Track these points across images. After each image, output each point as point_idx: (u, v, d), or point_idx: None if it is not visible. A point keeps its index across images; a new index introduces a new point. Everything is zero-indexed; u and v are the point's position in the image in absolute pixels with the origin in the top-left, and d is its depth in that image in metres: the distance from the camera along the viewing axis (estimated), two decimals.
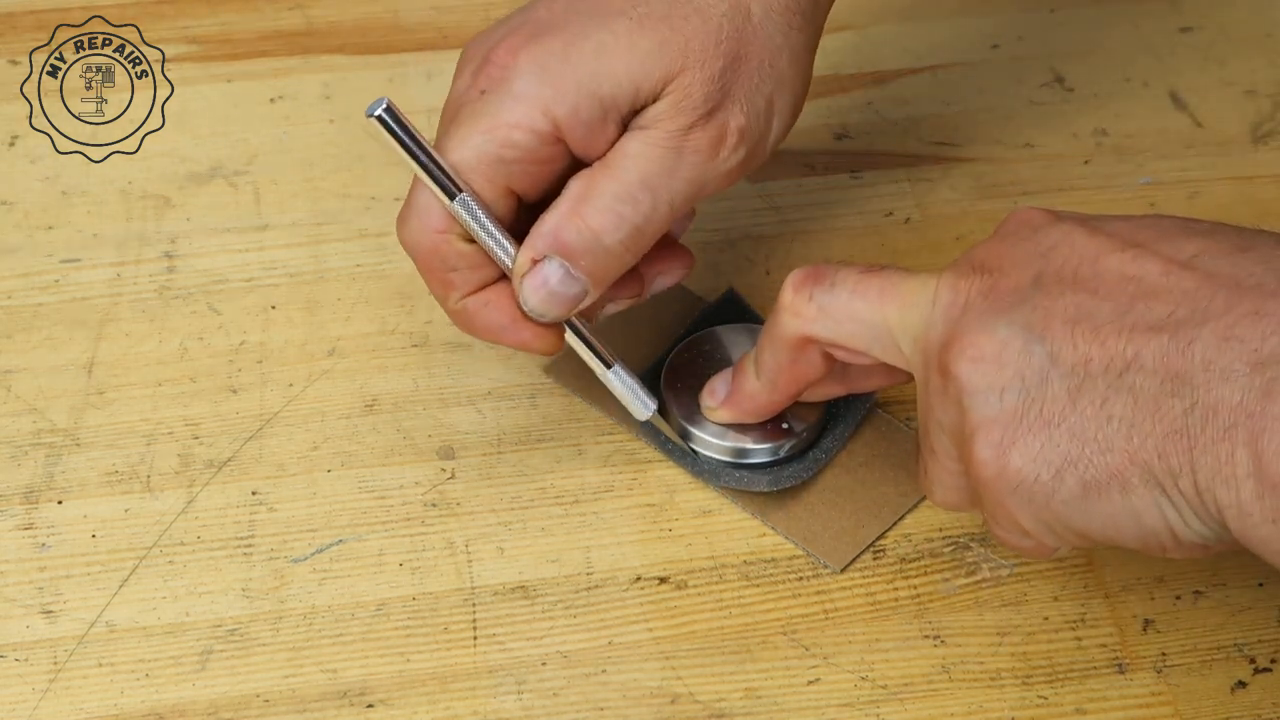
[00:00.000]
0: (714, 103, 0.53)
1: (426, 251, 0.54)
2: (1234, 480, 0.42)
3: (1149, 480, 0.44)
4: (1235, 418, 0.42)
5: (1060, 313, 0.45)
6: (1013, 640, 0.55)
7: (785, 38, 0.55)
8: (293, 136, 0.71)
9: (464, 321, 0.56)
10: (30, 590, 0.56)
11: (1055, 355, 0.45)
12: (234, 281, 0.66)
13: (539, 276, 0.53)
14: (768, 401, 0.56)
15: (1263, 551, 0.42)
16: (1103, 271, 0.46)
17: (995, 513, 0.47)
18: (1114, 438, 0.44)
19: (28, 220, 0.68)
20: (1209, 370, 0.42)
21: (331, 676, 0.54)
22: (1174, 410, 0.43)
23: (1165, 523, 0.44)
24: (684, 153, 0.53)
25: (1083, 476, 0.45)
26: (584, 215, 0.52)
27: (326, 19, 0.77)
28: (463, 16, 0.77)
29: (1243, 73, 0.74)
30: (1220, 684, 0.54)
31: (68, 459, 0.60)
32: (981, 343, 0.46)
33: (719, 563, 0.57)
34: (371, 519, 0.58)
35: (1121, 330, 0.44)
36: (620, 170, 0.53)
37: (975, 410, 0.46)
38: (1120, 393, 0.44)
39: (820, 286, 0.51)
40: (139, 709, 0.53)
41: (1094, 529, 0.45)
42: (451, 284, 0.55)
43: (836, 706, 0.53)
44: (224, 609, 0.56)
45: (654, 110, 0.53)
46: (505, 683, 0.54)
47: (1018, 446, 0.45)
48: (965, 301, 0.48)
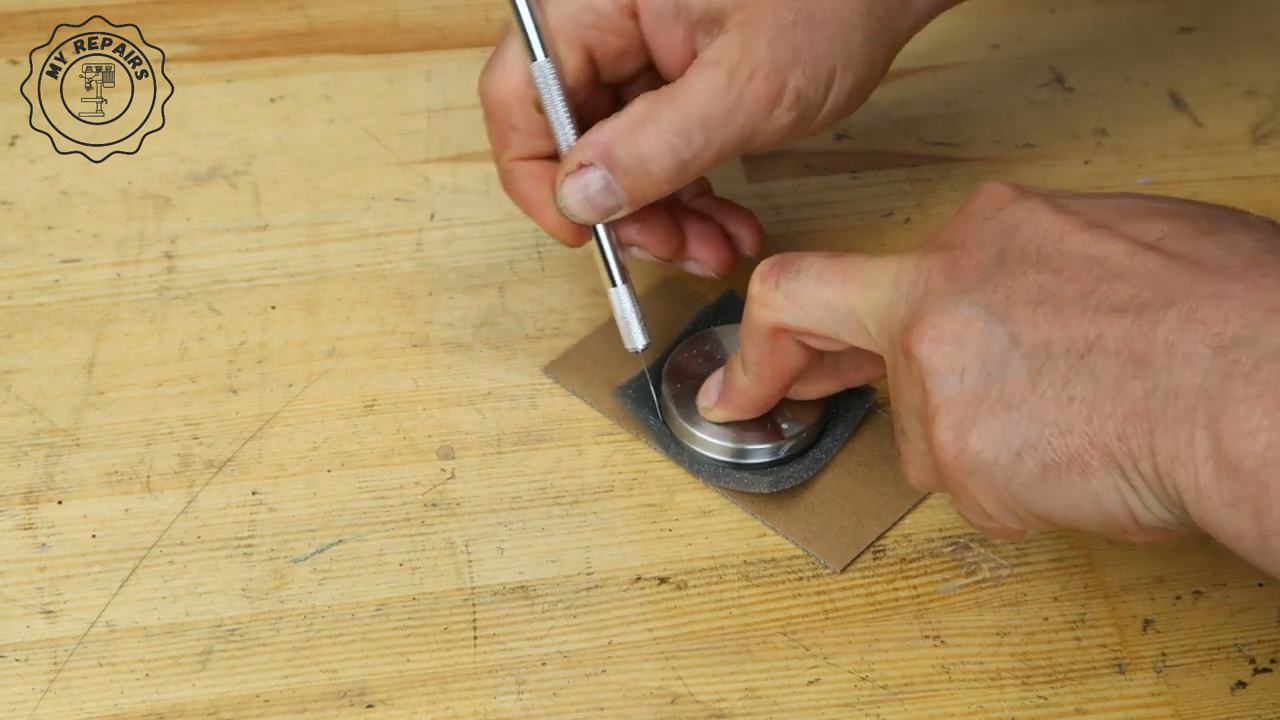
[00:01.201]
0: (779, 55, 0.54)
1: (498, 104, 0.57)
2: (1193, 463, 0.42)
3: (1109, 463, 0.43)
4: (1196, 400, 0.41)
5: (1022, 293, 0.45)
6: (1013, 640, 0.55)
7: (864, 19, 0.55)
8: (293, 136, 0.72)
9: (507, 181, 0.58)
10: (30, 590, 0.56)
11: (1016, 336, 0.45)
12: (234, 281, 0.66)
13: (581, 180, 0.55)
14: (758, 396, 0.56)
15: (1220, 535, 0.42)
16: (1067, 252, 0.45)
17: (957, 494, 0.47)
18: (1074, 420, 0.44)
19: (28, 220, 0.68)
20: (1171, 353, 0.42)
21: (331, 676, 0.54)
22: (1135, 393, 0.43)
23: (1125, 506, 0.44)
24: (743, 100, 0.54)
25: (1042, 459, 0.44)
26: (638, 136, 0.54)
27: (326, 19, 0.77)
28: (463, 16, 0.77)
29: (1243, 73, 0.74)
30: (1220, 684, 0.54)
31: (68, 459, 0.60)
32: (942, 323, 0.46)
33: (719, 563, 0.57)
34: (371, 519, 0.58)
35: (1085, 312, 0.44)
36: (682, 102, 0.54)
37: (936, 391, 0.46)
38: (1081, 375, 0.44)
39: (786, 274, 0.52)
40: (139, 709, 0.53)
41: (1054, 512, 0.45)
42: (508, 141, 0.57)
43: (836, 706, 0.53)
44: (224, 609, 0.56)
45: (722, 42, 0.54)
46: (505, 683, 0.54)
47: (977, 428, 0.45)
48: (927, 281, 0.47)
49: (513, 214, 0.68)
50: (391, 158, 0.71)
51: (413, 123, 0.72)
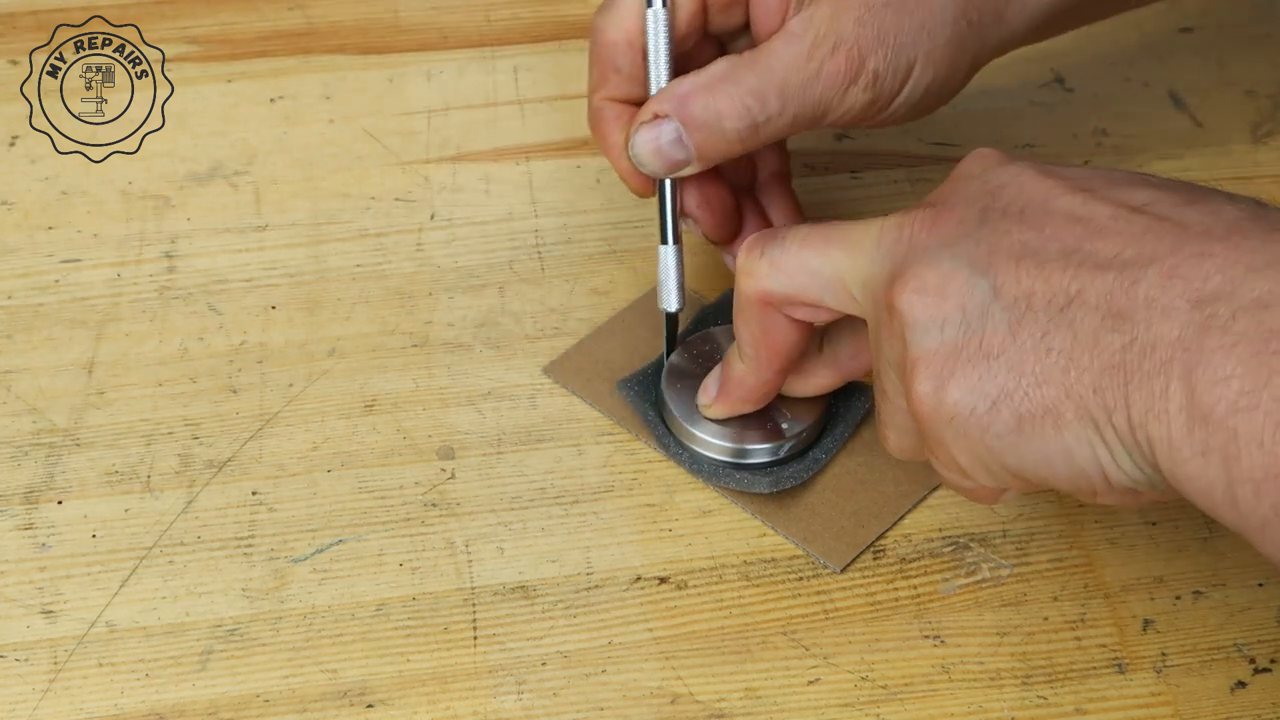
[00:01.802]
0: (863, 33, 0.55)
1: (607, 43, 0.57)
2: (1166, 415, 0.42)
3: (1083, 416, 0.43)
4: (1172, 352, 0.42)
5: (1006, 248, 0.45)
6: (1013, 640, 0.55)
7: (954, 20, 0.56)
8: (293, 136, 0.72)
9: (594, 120, 0.59)
10: (30, 590, 0.56)
11: (998, 289, 0.45)
12: (234, 281, 0.66)
13: (654, 130, 0.56)
14: (757, 382, 0.56)
15: (1190, 490, 0.42)
16: (1052, 211, 0.46)
17: (934, 448, 0.47)
18: (1051, 371, 0.44)
19: (28, 220, 0.68)
20: (1150, 307, 0.42)
21: (331, 676, 0.54)
22: (1113, 345, 0.43)
23: (1097, 462, 0.44)
24: (821, 73, 0.55)
25: (1018, 409, 0.44)
26: (715, 94, 0.55)
27: (326, 19, 0.77)
28: (463, 16, 0.77)
29: (1243, 73, 0.74)
30: (1220, 684, 0.54)
31: (68, 459, 0.60)
32: (925, 275, 0.46)
33: (719, 563, 0.57)
34: (371, 519, 0.58)
35: (1067, 267, 0.44)
36: (763, 67, 0.55)
37: (916, 344, 0.46)
38: (1061, 327, 0.44)
39: (771, 243, 0.52)
40: (139, 709, 0.53)
41: (1027, 466, 0.45)
42: (606, 81, 0.58)
43: (836, 706, 0.53)
44: (224, 609, 0.56)
45: (810, 13, 0.55)
46: (505, 683, 0.54)
47: (955, 378, 0.45)
48: (910, 236, 0.48)
49: (513, 214, 0.69)
50: (391, 158, 0.71)
51: (413, 123, 0.72)
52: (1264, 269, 0.41)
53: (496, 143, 0.72)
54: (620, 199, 0.69)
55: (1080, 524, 0.58)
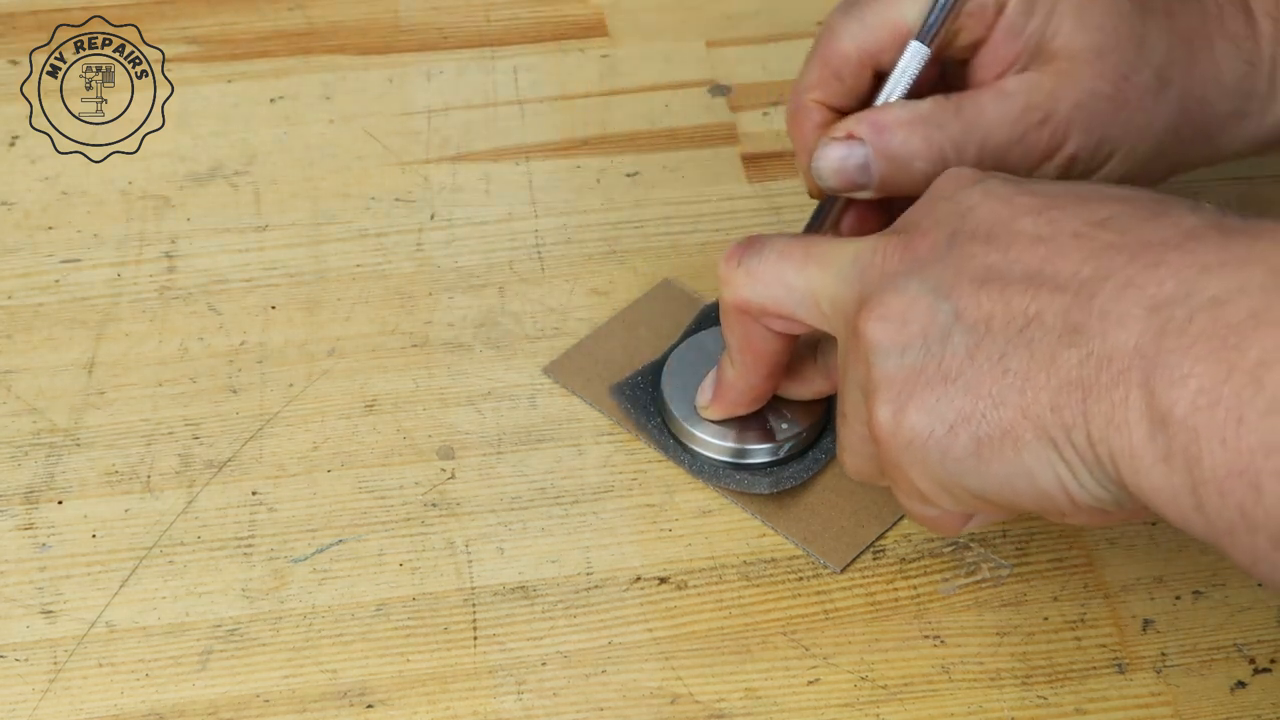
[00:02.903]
0: (1076, 117, 0.54)
1: (839, 51, 0.56)
2: (1126, 425, 0.41)
3: (1041, 437, 0.43)
4: (1129, 361, 0.41)
5: (970, 272, 0.45)
6: (1012, 640, 0.55)
7: (1165, 131, 0.56)
8: (293, 136, 0.72)
9: (795, 115, 0.58)
10: (30, 590, 0.56)
11: (960, 312, 0.45)
12: (234, 281, 0.66)
13: (844, 149, 0.55)
14: (746, 387, 0.56)
15: (1156, 501, 0.41)
16: (1017, 232, 0.45)
17: (894, 476, 0.47)
18: (1008, 392, 0.43)
19: (28, 220, 0.68)
20: (1105, 319, 0.42)
21: (331, 676, 0.54)
22: (1069, 361, 0.42)
23: (1059, 483, 0.44)
24: (1023, 141, 0.54)
25: (976, 432, 0.44)
26: (915, 133, 0.54)
27: (326, 19, 0.77)
28: (463, 16, 0.77)
29: None
30: (1220, 684, 0.54)
31: (68, 459, 0.60)
32: (891, 302, 0.46)
33: (719, 563, 0.57)
34: (371, 519, 0.58)
35: (1028, 289, 0.44)
36: (969, 119, 0.54)
37: (877, 368, 0.46)
38: (1019, 348, 0.43)
39: (750, 252, 0.52)
40: (139, 709, 0.53)
41: (990, 490, 0.45)
42: (826, 85, 0.57)
43: (836, 706, 0.53)
44: (224, 609, 0.56)
45: (1031, 78, 0.54)
46: (505, 683, 0.54)
47: (914, 402, 0.45)
48: (883, 262, 0.48)
49: (513, 214, 0.69)
50: (391, 158, 0.71)
51: (413, 123, 0.72)
52: (1218, 269, 0.41)
53: (496, 143, 0.72)
54: (620, 199, 0.69)
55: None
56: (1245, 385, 0.39)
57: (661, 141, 0.72)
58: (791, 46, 0.76)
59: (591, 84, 0.74)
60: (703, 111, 0.73)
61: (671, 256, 0.67)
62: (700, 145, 0.72)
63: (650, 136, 0.72)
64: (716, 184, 0.70)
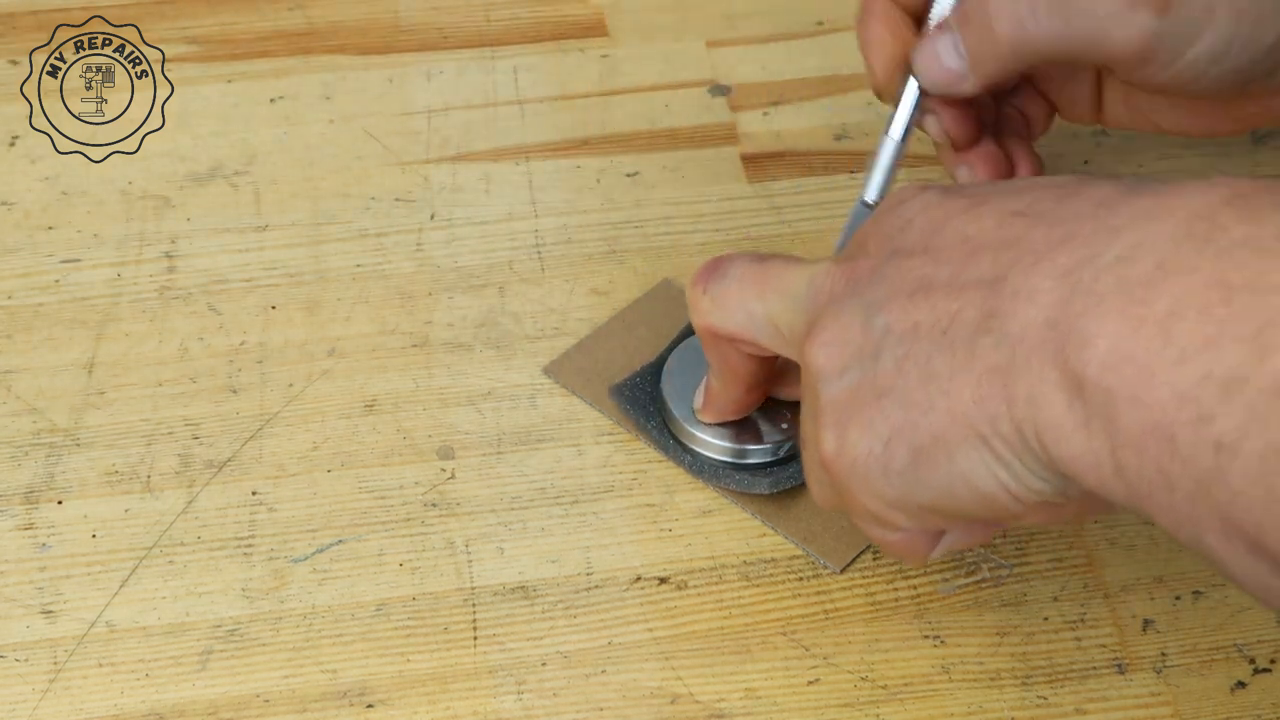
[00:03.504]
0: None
1: None
2: (1045, 400, 0.40)
3: (970, 436, 0.42)
4: (1042, 335, 0.40)
5: (903, 285, 0.45)
6: (1012, 640, 0.55)
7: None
8: (293, 136, 0.72)
9: (865, 15, 0.59)
10: (30, 590, 0.56)
11: (890, 326, 0.44)
12: (234, 281, 0.66)
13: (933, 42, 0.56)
14: (729, 398, 0.56)
15: (1084, 477, 0.40)
16: (947, 235, 0.45)
17: (847, 501, 0.47)
18: (935, 396, 0.43)
19: (28, 220, 0.68)
20: (1016, 298, 0.41)
21: (331, 676, 0.54)
22: (986, 348, 0.42)
23: (997, 481, 0.43)
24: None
25: (910, 443, 0.44)
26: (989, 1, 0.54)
27: (326, 19, 0.77)
28: (463, 16, 0.77)
29: None
30: (1220, 684, 0.54)
31: (68, 459, 0.60)
32: (830, 326, 0.46)
33: (719, 563, 0.57)
34: (371, 519, 0.58)
35: (951, 290, 0.44)
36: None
37: (822, 394, 0.46)
38: (942, 349, 0.43)
39: (713, 278, 0.52)
40: (139, 709, 0.53)
41: (936, 500, 0.44)
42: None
43: (836, 706, 0.53)
44: (224, 609, 0.56)
45: None
46: (505, 683, 0.54)
47: (853, 423, 0.45)
48: (831, 289, 0.47)
49: (513, 214, 0.69)
50: (391, 158, 0.71)
51: (413, 123, 0.72)
52: (1123, 229, 0.40)
53: (496, 143, 0.72)
54: (620, 199, 0.69)
55: (1080, 524, 0.58)
56: (1154, 338, 0.38)
57: (661, 141, 0.72)
58: (791, 46, 0.76)
59: (591, 84, 0.74)
60: (703, 111, 0.73)
61: (671, 256, 0.67)
62: (700, 145, 0.72)
63: (650, 136, 0.72)
64: (716, 184, 0.70)
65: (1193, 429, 0.37)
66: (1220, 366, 0.37)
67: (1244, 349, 0.37)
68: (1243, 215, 0.39)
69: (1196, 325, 0.38)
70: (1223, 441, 0.37)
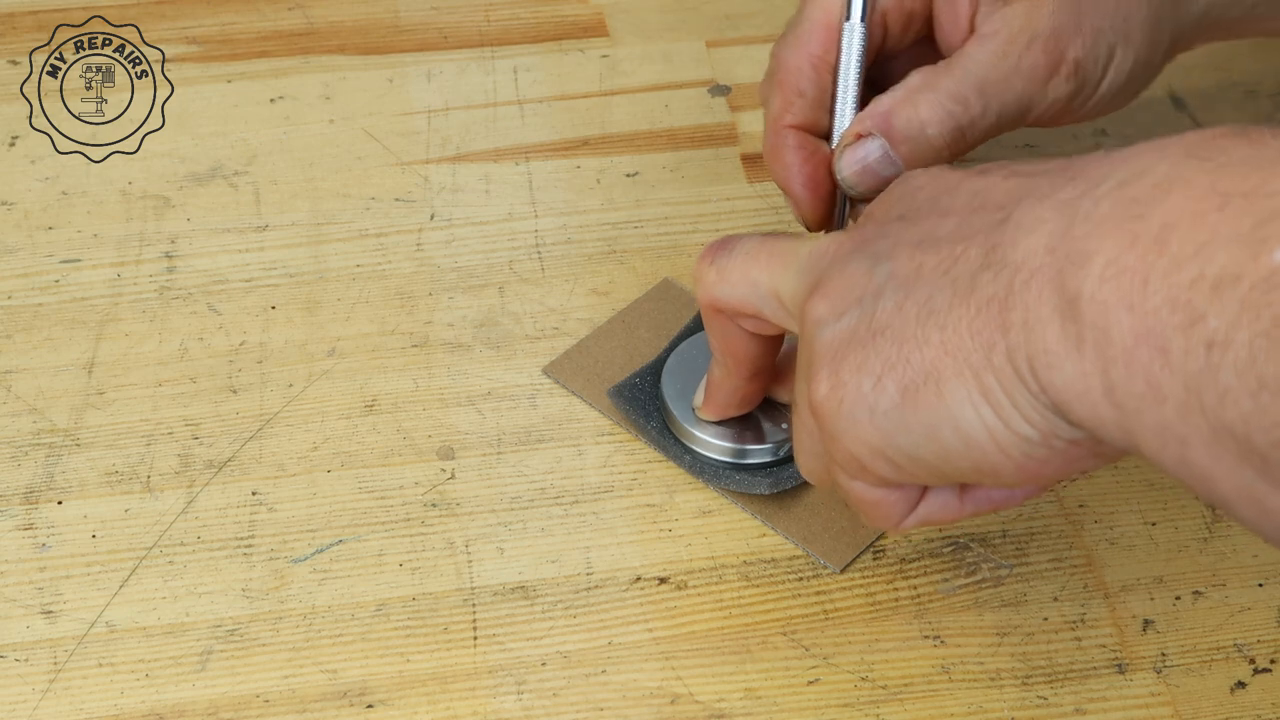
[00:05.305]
0: (1060, 24, 0.55)
1: (790, 68, 0.57)
2: (1040, 324, 0.40)
3: (962, 371, 0.42)
4: (1041, 261, 0.41)
5: (910, 237, 0.45)
6: (1012, 640, 0.55)
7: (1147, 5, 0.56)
8: (293, 136, 0.72)
9: (774, 149, 0.58)
10: (30, 590, 0.56)
11: (894, 272, 0.45)
12: (234, 281, 0.66)
13: (860, 150, 0.55)
14: (731, 387, 0.56)
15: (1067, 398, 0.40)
16: (958, 195, 0.46)
17: (832, 450, 0.47)
18: (930, 330, 0.43)
19: (28, 220, 0.68)
20: (1018, 230, 0.42)
21: (331, 676, 0.54)
22: (985, 282, 0.42)
23: (983, 424, 0.43)
24: (1020, 68, 0.55)
25: (901, 380, 0.44)
26: (916, 104, 0.55)
27: (326, 19, 0.77)
28: (463, 16, 0.77)
29: (1243, 73, 0.74)
30: (1220, 684, 0.54)
31: (68, 459, 0.60)
32: (834, 279, 0.46)
33: (719, 563, 0.57)
34: (371, 519, 0.58)
35: (957, 238, 0.44)
36: (960, 71, 0.55)
37: (817, 341, 0.46)
38: (943, 287, 0.43)
39: (720, 253, 0.52)
40: (139, 709, 0.53)
41: (919, 447, 0.44)
42: (790, 106, 0.57)
43: (836, 706, 0.53)
44: (224, 609, 0.56)
45: (1004, 14, 0.55)
46: (505, 683, 0.54)
47: (846, 363, 0.45)
48: (835, 250, 0.48)
49: (513, 214, 0.69)
50: (391, 158, 0.71)
51: (413, 123, 0.72)
52: (1122, 163, 0.41)
53: (496, 143, 0.72)
54: (620, 199, 0.69)
55: (1080, 524, 0.58)
56: (1150, 249, 0.38)
57: (661, 141, 0.72)
58: None
59: (591, 84, 0.75)
60: (703, 111, 0.73)
61: (671, 256, 0.67)
62: (700, 145, 0.72)
63: (650, 136, 0.72)
64: (716, 184, 0.70)
65: (1184, 333, 0.37)
66: (1212, 267, 0.37)
67: (1237, 248, 0.37)
68: (1244, 141, 0.39)
69: (1190, 232, 0.38)
70: (1214, 340, 0.37)
